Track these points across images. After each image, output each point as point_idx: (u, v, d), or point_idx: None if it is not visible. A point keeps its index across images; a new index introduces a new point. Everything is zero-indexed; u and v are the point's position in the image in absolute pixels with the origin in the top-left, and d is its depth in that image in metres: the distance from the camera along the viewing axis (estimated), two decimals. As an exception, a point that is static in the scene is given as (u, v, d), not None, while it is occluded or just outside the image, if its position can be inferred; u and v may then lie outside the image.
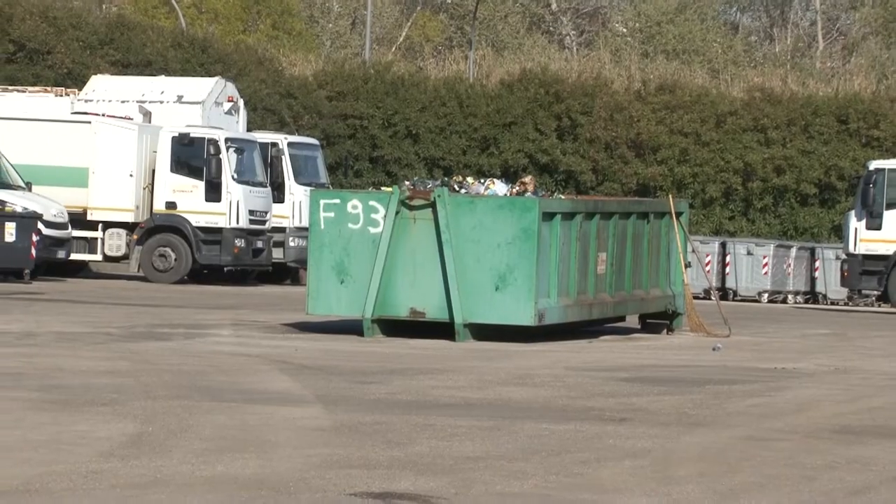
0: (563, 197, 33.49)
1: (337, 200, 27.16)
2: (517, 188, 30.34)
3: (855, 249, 41.61)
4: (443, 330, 25.58)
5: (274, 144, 43.50)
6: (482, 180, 32.19)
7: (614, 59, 63.66)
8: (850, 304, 43.52)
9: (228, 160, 40.79)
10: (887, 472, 14.36)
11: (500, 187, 29.95)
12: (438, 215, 26.05)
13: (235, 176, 40.84)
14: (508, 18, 73.70)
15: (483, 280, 25.93)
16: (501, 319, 25.93)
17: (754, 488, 13.16)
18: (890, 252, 40.79)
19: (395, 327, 26.02)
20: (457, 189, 28.04)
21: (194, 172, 40.68)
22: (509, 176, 39.58)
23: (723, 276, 44.94)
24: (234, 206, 40.72)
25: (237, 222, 40.88)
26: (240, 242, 41.23)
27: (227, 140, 41.27)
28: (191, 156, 40.73)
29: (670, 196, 35.77)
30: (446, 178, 31.90)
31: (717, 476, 13.75)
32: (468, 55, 64.97)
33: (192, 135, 41.03)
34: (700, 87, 55.69)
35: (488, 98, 54.39)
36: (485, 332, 25.59)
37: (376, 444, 14.65)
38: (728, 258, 46.21)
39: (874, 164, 43.00)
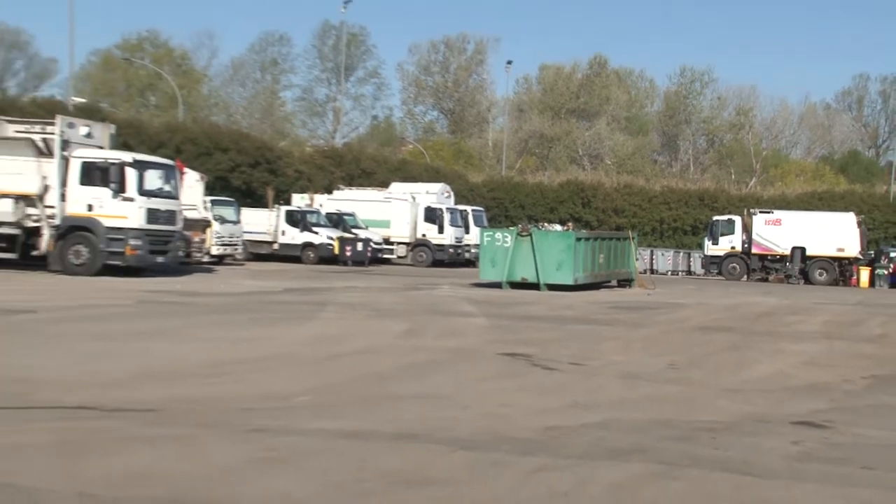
0: (584, 231, 33.21)
1: (491, 232, 27.09)
2: (565, 228, 30.28)
3: (707, 253, 40.80)
4: (535, 286, 25.37)
5: (465, 210, 43.53)
6: (551, 224, 32.18)
7: (606, 175, 62.79)
8: (705, 276, 42.44)
9: (447, 217, 40.96)
10: (721, 344, 13.99)
11: (557, 227, 29.92)
12: (533, 239, 25.82)
13: (450, 223, 40.97)
14: (561, 158, 72.72)
15: (551, 265, 25.53)
16: (560, 281, 25.46)
17: (666, 352, 12.94)
18: (722, 254, 39.91)
19: (515, 285, 25.59)
20: (540, 228, 27.96)
21: (433, 222, 40.77)
22: (562, 223, 39.59)
23: (651, 263, 44.12)
24: (449, 236, 40.89)
25: (450, 242, 40.92)
26: (451, 251, 40.89)
27: (446, 209, 41.34)
28: (432, 216, 40.82)
29: (629, 231, 35.24)
30: (536, 223, 31.70)
31: (649, 347, 13.55)
32: (545, 173, 64.49)
33: (432, 206, 41.18)
34: (641, 186, 54.73)
35: (553, 191, 53.85)
36: (553, 287, 25.18)
37: (507, 333, 14.64)
38: (654, 256, 45.33)
39: (714, 217, 42.09)
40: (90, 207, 22.58)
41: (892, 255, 39.30)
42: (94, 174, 22.63)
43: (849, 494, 5.96)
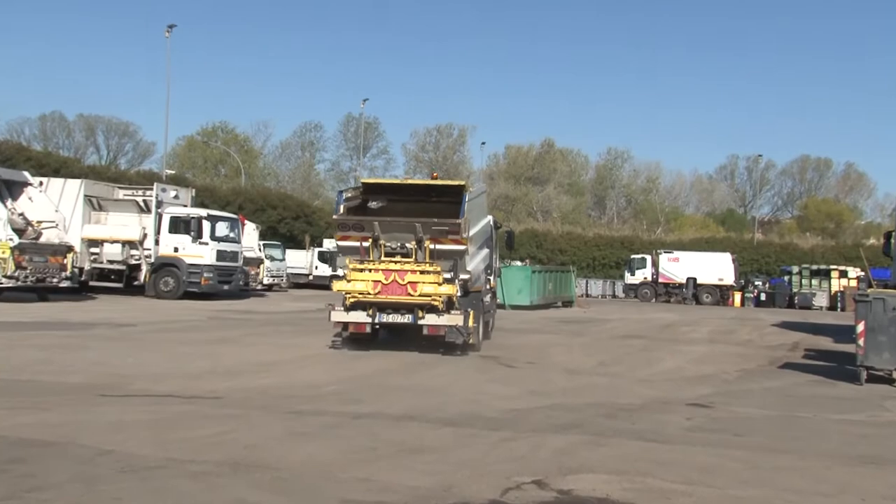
0: (538, 266, 32.77)
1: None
2: (524, 263, 30.16)
3: (627, 282, 40.81)
4: (502, 307, 24.76)
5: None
6: (517, 262, 31.96)
7: (553, 225, 60.94)
8: (625, 299, 41.98)
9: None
10: (636, 347, 13.97)
11: (518, 263, 29.79)
12: (502, 272, 25.53)
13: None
14: (521, 213, 71.01)
15: (514, 290, 25.11)
16: (520, 303, 25.14)
17: (597, 353, 12.93)
18: (637, 283, 40.03)
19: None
20: (508, 265, 27.68)
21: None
22: (521, 259, 38.51)
23: (586, 289, 43.20)
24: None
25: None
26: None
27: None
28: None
29: (570, 265, 35.30)
30: (505, 263, 31.42)
31: (585, 350, 13.49)
32: (509, 224, 62.19)
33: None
34: (579, 233, 53.04)
35: (515, 236, 51.90)
36: (515, 307, 24.76)
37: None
38: (588, 284, 43.87)
39: (631, 256, 41.68)
40: (175, 249, 22.88)
41: (757, 283, 40.05)
42: (179, 225, 23.06)
43: (724, 454, 6.00)
